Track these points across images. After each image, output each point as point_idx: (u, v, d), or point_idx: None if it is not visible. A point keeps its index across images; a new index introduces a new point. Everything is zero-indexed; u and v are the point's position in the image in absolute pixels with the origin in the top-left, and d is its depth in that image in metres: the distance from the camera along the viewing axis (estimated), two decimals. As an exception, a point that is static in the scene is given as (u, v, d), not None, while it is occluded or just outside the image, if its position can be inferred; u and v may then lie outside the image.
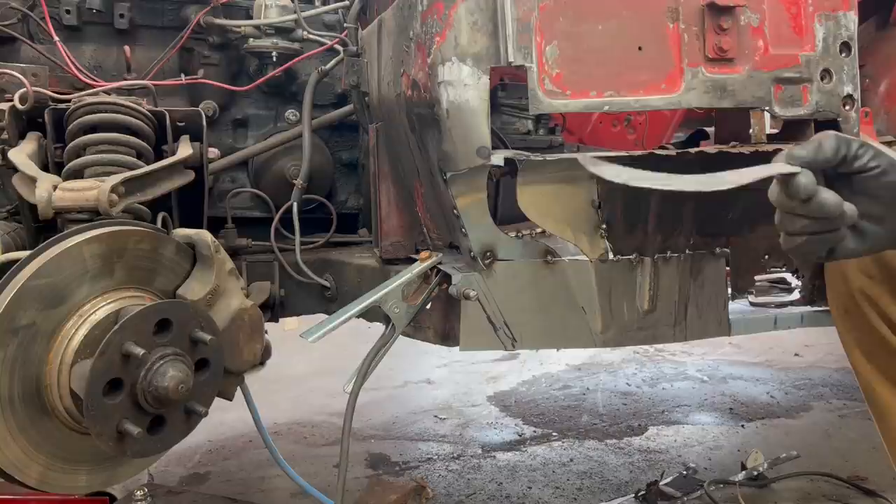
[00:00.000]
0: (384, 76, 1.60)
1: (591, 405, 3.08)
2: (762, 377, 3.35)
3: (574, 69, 1.35)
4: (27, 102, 1.56)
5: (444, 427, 2.88)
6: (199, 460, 2.59)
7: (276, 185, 2.00)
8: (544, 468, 2.46)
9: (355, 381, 1.51)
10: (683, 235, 1.58)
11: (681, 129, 2.59)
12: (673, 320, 1.60)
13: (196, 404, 1.32)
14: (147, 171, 1.47)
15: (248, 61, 2.06)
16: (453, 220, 1.45)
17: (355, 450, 2.59)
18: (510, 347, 1.52)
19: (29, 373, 1.23)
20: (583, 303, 1.52)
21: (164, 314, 1.28)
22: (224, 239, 1.82)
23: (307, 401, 3.17)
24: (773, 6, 1.44)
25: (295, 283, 1.85)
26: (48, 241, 1.29)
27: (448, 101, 1.32)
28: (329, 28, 2.08)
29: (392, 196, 1.73)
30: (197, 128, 1.64)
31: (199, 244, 1.42)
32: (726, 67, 1.42)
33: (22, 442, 1.24)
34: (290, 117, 2.08)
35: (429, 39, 1.33)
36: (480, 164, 1.35)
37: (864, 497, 2.16)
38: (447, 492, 2.30)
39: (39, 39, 1.91)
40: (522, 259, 1.49)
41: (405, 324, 1.53)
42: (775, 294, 2.07)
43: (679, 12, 1.39)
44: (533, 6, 1.32)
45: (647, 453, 2.55)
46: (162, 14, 2.02)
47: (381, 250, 1.74)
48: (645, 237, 1.56)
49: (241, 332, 1.47)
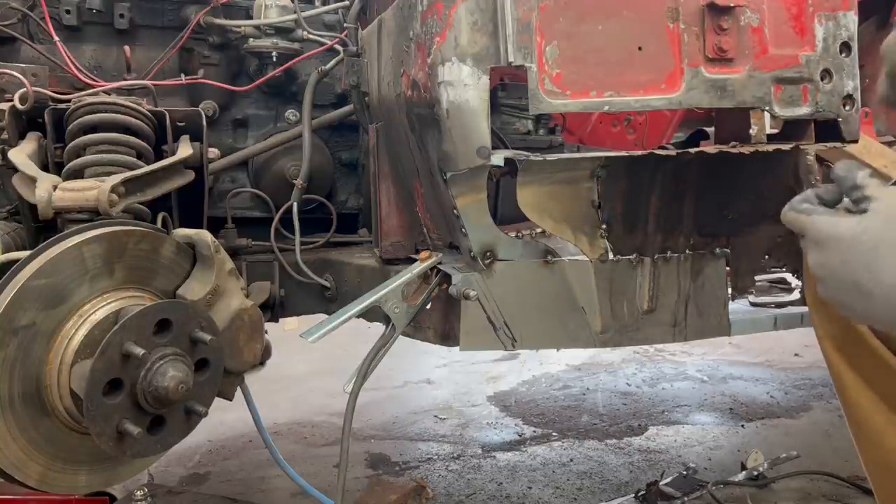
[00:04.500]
0: (384, 76, 1.60)
1: (591, 405, 3.08)
2: (762, 377, 3.35)
3: (574, 69, 1.35)
4: (27, 102, 1.56)
5: (444, 427, 2.88)
6: (199, 460, 2.59)
7: (276, 185, 2.00)
8: (544, 468, 2.46)
9: (355, 381, 1.51)
10: (683, 235, 1.58)
11: (681, 129, 2.59)
12: (673, 320, 1.60)
13: (196, 404, 1.32)
14: (147, 171, 1.47)
15: (248, 61, 2.06)
16: (453, 220, 1.45)
17: (355, 450, 2.59)
18: (510, 347, 1.52)
19: (29, 373, 1.23)
20: (583, 303, 1.52)
21: (164, 314, 1.28)
22: (224, 239, 1.82)
23: (307, 401, 3.17)
24: (773, 6, 1.44)
25: (295, 283, 1.85)
26: (48, 241, 1.29)
27: (448, 101, 1.32)
28: (329, 28, 2.08)
29: (392, 196, 1.73)
30: (197, 128, 1.64)
31: (199, 244, 1.42)
32: (726, 67, 1.42)
33: (22, 442, 1.24)
34: (290, 117, 2.08)
35: (429, 39, 1.33)
36: (480, 164, 1.35)
37: (864, 497, 2.16)
38: (447, 492, 2.30)
39: (39, 39, 1.91)
40: (522, 259, 1.49)
41: (405, 324, 1.53)
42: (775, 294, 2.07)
43: (679, 12, 1.39)
44: (533, 6, 1.32)
45: (647, 453, 2.55)
46: (162, 14, 2.02)
47: (381, 250, 1.74)
48: (645, 237, 1.56)
49: (241, 332, 1.47)
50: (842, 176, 0.98)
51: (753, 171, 1.56)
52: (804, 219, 0.98)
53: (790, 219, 1.00)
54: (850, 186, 0.97)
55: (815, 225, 0.96)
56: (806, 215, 0.98)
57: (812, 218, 0.97)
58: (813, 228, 0.96)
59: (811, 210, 0.98)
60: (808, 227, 0.97)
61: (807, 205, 0.99)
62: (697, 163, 1.51)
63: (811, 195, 1.01)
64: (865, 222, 0.93)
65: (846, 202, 0.98)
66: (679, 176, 1.54)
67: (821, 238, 0.95)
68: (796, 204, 1.00)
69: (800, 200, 1.01)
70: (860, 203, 0.95)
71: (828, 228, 0.95)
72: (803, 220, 0.98)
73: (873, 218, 0.94)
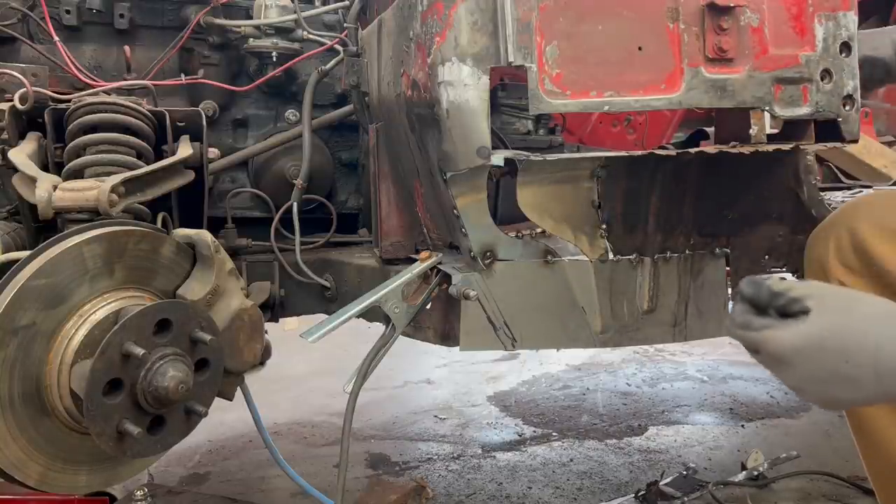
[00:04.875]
0: (384, 76, 1.60)
1: (591, 405, 3.08)
2: (762, 377, 3.35)
3: (574, 69, 1.35)
4: (27, 102, 1.56)
5: (444, 427, 2.88)
6: (199, 460, 2.59)
7: (276, 185, 2.00)
8: (544, 468, 2.46)
9: (355, 381, 1.51)
10: (683, 235, 1.59)
11: (681, 129, 2.59)
12: (673, 320, 1.60)
13: (196, 404, 1.32)
14: (147, 171, 1.47)
15: (248, 61, 2.06)
16: (453, 220, 1.45)
17: (355, 450, 2.59)
18: (510, 347, 1.52)
19: (29, 373, 1.23)
20: (583, 303, 1.52)
21: (164, 314, 1.28)
22: (224, 239, 1.82)
23: (307, 401, 3.17)
24: (773, 6, 1.44)
25: (295, 283, 1.85)
26: (48, 241, 1.29)
27: (448, 101, 1.32)
28: (329, 28, 2.07)
29: (392, 196, 1.73)
30: (197, 128, 1.63)
31: (199, 244, 1.42)
32: (726, 67, 1.42)
33: (22, 442, 1.24)
34: (290, 117, 2.08)
35: (429, 39, 1.32)
36: (480, 164, 1.35)
37: (864, 497, 2.16)
38: (447, 492, 2.30)
39: (39, 39, 1.91)
40: (522, 259, 1.49)
41: (405, 324, 1.53)
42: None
43: (679, 12, 1.39)
44: (533, 6, 1.32)
45: (647, 453, 2.55)
46: (162, 14, 2.02)
47: (381, 250, 1.74)
48: (645, 237, 1.56)
49: (241, 332, 1.47)
50: (754, 293, 0.98)
51: (753, 171, 1.56)
52: (754, 336, 0.97)
53: (739, 337, 0.99)
54: (769, 298, 0.97)
55: (771, 344, 0.95)
56: (755, 332, 0.96)
57: (763, 335, 0.96)
58: (769, 347, 0.95)
59: (758, 325, 0.97)
60: (762, 345, 0.96)
61: (747, 318, 0.98)
62: (697, 163, 1.51)
63: (745, 307, 0.99)
64: (819, 323, 0.93)
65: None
66: (679, 176, 1.54)
67: (782, 354, 0.94)
68: (738, 320, 0.99)
69: (739, 314, 0.99)
70: (791, 306, 0.95)
71: (785, 344, 0.93)
72: (754, 339, 0.97)
73: (821, 315, 0.93)
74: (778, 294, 0.97)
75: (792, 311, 0.95)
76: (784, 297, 0.96)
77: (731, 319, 1.01)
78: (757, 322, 0.97)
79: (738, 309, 1.00)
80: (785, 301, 0.96)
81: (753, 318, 0.97)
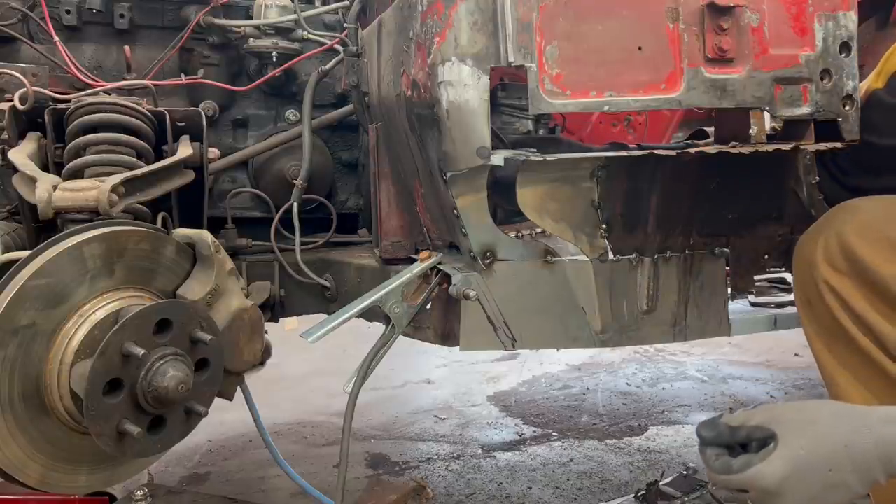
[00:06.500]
0: (384, 76, 1.60)
1: (591, 405, 3.08)
2: (762, 377, 3.35)
3: (574, 69, 1.35)
4: (27, 102, 1.56)
5: (444, 427, 2.88)
6: (199, 460, 2.59)
7: (276, 185, 2.00)
8: (544, 468, 2.46)
9: (355, 381, 1.51)
10: (683, 235, 1.59)
11: (681, 129, 2.59)
12: (673, 320, 1.60)
13: (196, 404, 1.32)
14: (147, 171, 1.47)
15: (248, 61, 2.06)
16: (453, 220, 1.45)
17: (355, 450, 2.59)
18: (510, 347, 1.52)
19: (29, 373, 1.23)
20: (583, 303, 1.52)
21: (164, 314, 1.28)
22: (224, 239, 1.82)
23: (307, 401, 3.17)
24: (773, 6, 1.44)
25: (295, 283, 1.85)
26: (48, 241, 1.29)
27: (448, 101, 1.32)
28: (329, 28, 2.07)
29: (392, 196, 1.73)
30: (197, 128, 1.63)
31: (199, 244, 1.42)
32: (726, 67, 1.42)
33: (22, 442, 1.24)
34: (290, 117, 2.08)
35: (429, 39, 1.32)
36: (480, 164, 1.35)
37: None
38: (447, 492, 2.30)
39: (39, 39, 1.91)
40: (522, 259, 1.49)
41: (405, 324, 1.53)
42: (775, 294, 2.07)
43: (679, 12, 1.39)
44: (533, 6, 1.32)
45: (647, 453, 2.55)
46: (162, 14, 2.02)
47: (381, 250, 1.74)
48: (645, 237, 1.56)
49: (241, 332, 1.47)
50: (715, 436, 1.03)
51: (753, 171, 1.56)
52: (739, 479, 1.00)
53: (723, 483, 1.02)
54: (731, 435, 1.01)
55: (759, 482, 0.98)
56: (738, 474, 0.99)
57: (749, 476, 0.98)
58: (759, 485, 0.98)
59: (737, 467, 1.00)
60: (750, 485, 0.99)
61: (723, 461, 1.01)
62: (697, 163, 1.51)
63: (715, 451, 1.03)
64: (793, 444, 0.97)
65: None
66: (679, 176, 1.54)
67: (775, 488, 0.97)
68: (716, 466, 1.02)
69: (713, 459, 1.03)
70: (755, 434, 1.00)
71: (774, 476, 0.97)
72: (740, 481, 1.00)
73: (789, 434, 0.98)
74: (737, 429, 1.02)
75: (757, 438, 1.00)
76: (744, 429, 1.01)
77: (708, 467, 1.04)
78: (736, 464, 1.00)
79: (709, 454, 1.04)
80: (747, 433, 1.01)
81: (730, 461, 1.01)
